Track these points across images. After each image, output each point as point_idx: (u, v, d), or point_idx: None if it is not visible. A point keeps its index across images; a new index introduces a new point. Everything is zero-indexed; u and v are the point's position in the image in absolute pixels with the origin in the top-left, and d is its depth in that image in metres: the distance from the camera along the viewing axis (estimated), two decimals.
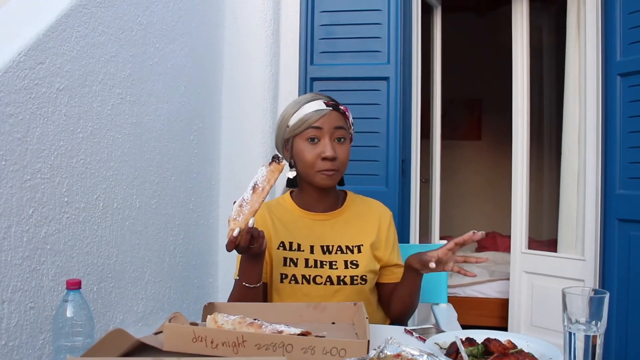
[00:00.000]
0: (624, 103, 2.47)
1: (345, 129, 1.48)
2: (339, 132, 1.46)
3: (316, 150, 1.44)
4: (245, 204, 1.25)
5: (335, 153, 1.43)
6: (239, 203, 1.25)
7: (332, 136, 1.45)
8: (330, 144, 1.44)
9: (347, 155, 1.48)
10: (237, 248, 1.27)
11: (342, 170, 1.49)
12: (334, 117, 1.46)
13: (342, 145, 1.47)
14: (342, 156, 1.46)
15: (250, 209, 1.24)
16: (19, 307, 1.35)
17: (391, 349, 0.93)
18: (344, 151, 1.47)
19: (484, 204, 5.55)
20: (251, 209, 1.24)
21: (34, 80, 1.40)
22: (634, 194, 2.43)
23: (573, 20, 2.98)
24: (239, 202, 1.26)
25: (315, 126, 1.44)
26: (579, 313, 0.91)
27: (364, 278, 1.48)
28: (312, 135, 1.45)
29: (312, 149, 1.45)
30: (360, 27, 2.63)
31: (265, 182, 1.26)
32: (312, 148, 1.45)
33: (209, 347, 0.99)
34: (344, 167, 1.49)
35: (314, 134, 1.45)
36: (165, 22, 2.04)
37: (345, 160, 1.48)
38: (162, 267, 2.04)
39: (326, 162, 1.43)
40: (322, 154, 1.43)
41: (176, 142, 2.13)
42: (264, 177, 1.27)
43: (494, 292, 3.77)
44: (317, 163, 1.44)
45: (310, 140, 1.45)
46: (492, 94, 5.03)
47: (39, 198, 1.42)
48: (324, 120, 1.45)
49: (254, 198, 1.25)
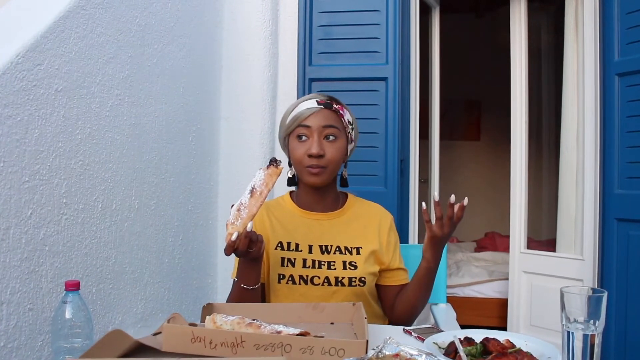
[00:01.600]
0: (622, 103, 2.48)
1: (336, 127, 1.47)
2: (329, 130, 1.46)
3: (304, 148, 1.46)
4: (243, 208, 1.24)
5: (321, 150, 1.44)
6: (237, 207, 1.25)
7: (322, 134, 1.46)
8: (318, 142, 1.44)
9: (337, 154, 1.47)
10: (236, 252, 1.27)
11: (330, 168, 1.47)
12: (324, 116, 1.47)
13: (332, 143, 1.46)
14: (331, 154, 1.46)
15: (248, 213, 1.24)
16: (18, 308, 1.35)
17: (390, 348, 0.94)
18: (333, 149, 1.46)
19: (483, 204, 5.55)
20: (249, 213, 1.24)
21: (32, 81, 1.40)
22: (633, 194, 2.43)
23: (571, 20, 2.98)
24: (236, 206, 1.25)
25: (304, 124, 1.46)
26: (577, 312, 0.92)
27: (363, 280, 1.47)
28: (300, 133, 1.47)
29: (300, 147, 1.46)
30: (358, 28, 2.63)
31: (263, 186, 1.26)
32: (300, 146, 1.46)
33: (207, 347, 0.99)
34: (333, 165, 1.47)
35: (303, 131, 1.47)
36: (163, 23, 2.04)
37: (334, 158, 1.47)
38: (161, 268, 2.03)
39: (312, 159, 1.44)
40: (308, 151, 1.44)
41: (175, 143, 2.13)
42: (261, 181, 1.26)
43: (493, 292, 3.77)
44: (304, 160, 1.46)
45: (299, 138, 1.47)
46: (491, 94, 5.04)
47: (37, 199, 1.42)
48: (313, 118, 1.46)
49: (252, 202, 1.25)
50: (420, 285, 1.46)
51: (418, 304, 1.49)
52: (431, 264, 1.42)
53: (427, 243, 1.40)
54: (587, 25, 2.75)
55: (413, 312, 1.51)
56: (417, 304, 1.49)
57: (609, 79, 2.53)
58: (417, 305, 1.50)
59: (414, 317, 1.53)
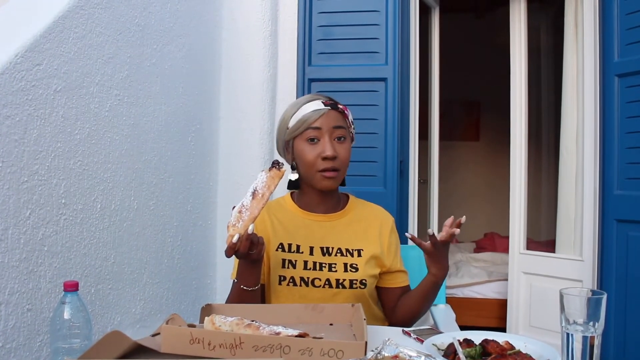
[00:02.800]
0: (622, 104, 2.48)
1: (344, 128, 1.47)
2: (339, 131, 1.45)
3: (316, 151, 1.43)
4: (245, 210, 1.24)
5: (335, 152, 1.43)
6: (238, 209, 1.25)
7: (332, 135, 1.44)
8: (330, 143, 1.43)
9: (347, 155, 1.47)
10: (237, 254, 1.27)
11: (343, 171, 1.47)
12: (333, 117, 1.46)
13: (343, 144, 1.46)
14: (343, 155, 1.45)
15: (250, 216, 1.24)
16: (16, 309, 1.34)
17: (389, 350, 0.93)
18: (345, 150, 1.46)
19: (482, 205, 5.55)
20: (250, 216, 1.24)
21: (31, 81, 1.40)
22: (632, 195, 2.43)
23: (571, 21, 2.98)
24: (238, 208, 1.25)
25: (314, 126, 1.44)
26: (576, 314, 0.91)
27: (364, 282, 1.47)
28: (311, 136, 1.44)
29: (312, 150, 1.44)
30: (358, 28, 2.63)
31: (265, 189, 1.26)
32: (312, 148, 1.44)
33: (206, 348, 0.99)
34: (345, 167, 1.47)
35: (314, 134, 1.44)
36: (162, 23, 2.04)
37: (346, 160, 1.47)
38: (160, 268, 2.03)
39: (327, 161, 1.43)
40: (322, 154, 1.42)
41: (174, 144, 2.12)
42: (263, 183, 1.26)
43: (492, 292, 3.77)
44: (317, 163, 1.44)
45: (310, 141, 1.44)
46: (491, 95, 5.04)
47: (36, 200, 1.41)
48: (322, 119, 1.44)
49: (254, 204, 1.24)
50: (425, 296, 1.47)
51: (420, 311, 1.51)
52: (438, 279, 1.43)
53: (427, 260, 1.40)
54: (587, 25, 2.75)
55: (414, 317, 1.52)
56: (419, 311, 1.51)
57: (608, 80, 2.53)
58: (419, 312, 1.51)
59: (414, 321, 1.54)
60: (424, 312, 1.52)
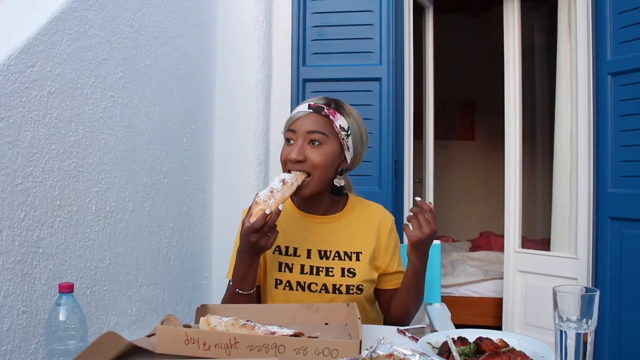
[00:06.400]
0: (615, 102, 2.49)
1: (322, 133, 1.42)
2: (313, 135, 1.42)
3: (287, 152, 1.44)
4: (276, 191, 1.33)
5: (301, 156, 1.40)
6: (269, 189, 1.33)
7: (306, 139, 1.42)
8: (300, 147, 1.41)
9: (320, 159, 1.42)
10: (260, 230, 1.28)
11: (317, 175, 1.42)
12: (311, 120, 1.43)
13: (316, 148, 1.42)
14: (314, 159, 1.41)
15: (282, 196, 1.33)
16: (12, 311, 1.34)
17: (383, 348, 0.94)
18: (317, 154, 1.41)
19: (478, 204, 5.57)
20: (282, 196, 1.33)
21: (25, 83, 1.40)
22: (626, 193, 2.44)
23: (564, 20, 2.99)
24: (268, 189, 1.33)
25: (291, 129, 1.45)
26: (570, 311, 0.92)
27: (360, 287, 1.46)
28: (287, 137, 1.46)
29: (285, 150, 1.45)
30: (352, 28, 2.63)
31: (293, 179, 1.37)
32: (286, 149, 1.45)
33: (201, 349, 0.99)
34: (318, 171, 1.42)
35: (289, 136, 1.45)
36: (156, 24, 2.04)
37: (318, 164, 1.41)
38: (155, 269, 2.03)
39: (292, 164, 1.42)
40: (288, 156, 1.43)
41: (169, 145, 2.12)
42: (292, 176, 1.38)
43: (487, 291, 3.78)
44: (287, 165, 1.44)
45: (287, 142, 1.46)
46: (485, 94, 5.05)
47: (30, 202, 1.41)
48: (299, 122, 1.44)
49: (284, 189, 1.34)
50: (410, 287, 1.46)
51: (411, 305, 1.49)
52: (417, 267, 1.42)
53: (409, 247, 1.40)
54: (580, 24, 2.76)
55: (407, 313, 1.50)
56: (410, 306, 1.49)
57: (601, 78, 2.54)
58: (410, 306, 1.49)
59: (409, 317, 1.52)
60: (415, 306, 1.50)
